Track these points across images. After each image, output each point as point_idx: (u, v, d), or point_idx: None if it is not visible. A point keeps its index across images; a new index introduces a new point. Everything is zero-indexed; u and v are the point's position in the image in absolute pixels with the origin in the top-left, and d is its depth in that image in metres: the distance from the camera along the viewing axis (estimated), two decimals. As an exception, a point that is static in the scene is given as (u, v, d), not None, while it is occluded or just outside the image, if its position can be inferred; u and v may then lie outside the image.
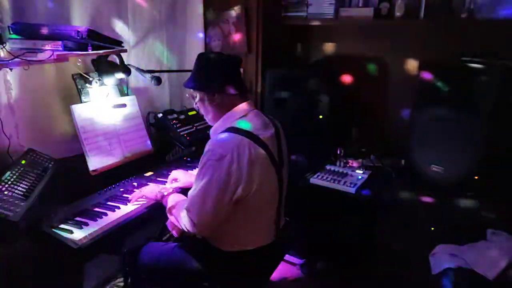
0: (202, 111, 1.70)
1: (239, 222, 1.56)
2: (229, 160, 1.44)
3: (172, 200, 1.67)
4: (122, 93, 2.16)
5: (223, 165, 1.44)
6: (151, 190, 1.78)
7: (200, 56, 1.66)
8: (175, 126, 2.26)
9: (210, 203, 1.46)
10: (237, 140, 1.48)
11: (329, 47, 2.73)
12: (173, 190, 1.75)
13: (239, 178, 1.46)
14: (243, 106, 1.62)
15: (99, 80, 2.01)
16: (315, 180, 2.28)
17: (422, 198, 1.97)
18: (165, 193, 1.72)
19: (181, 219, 1.56)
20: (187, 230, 1.54)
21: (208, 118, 1.69)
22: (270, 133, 1.61)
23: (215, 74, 1.61)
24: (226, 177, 1.44)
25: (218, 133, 1.56)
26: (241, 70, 1.75)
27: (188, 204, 1.53)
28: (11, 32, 1.68)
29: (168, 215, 1.64)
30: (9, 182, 1.56)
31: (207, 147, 1.50)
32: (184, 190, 1.78)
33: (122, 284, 2.14)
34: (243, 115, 1.60)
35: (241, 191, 1.47)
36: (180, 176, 1.92)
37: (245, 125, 1.55)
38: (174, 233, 1.64)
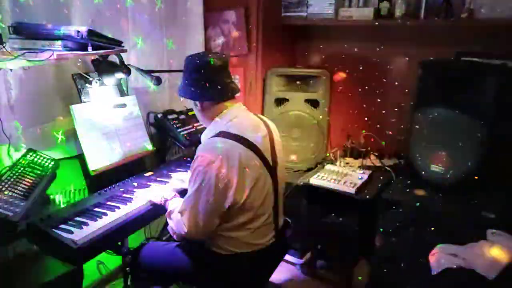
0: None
1: (236, 226, 1.56)
2: (218, 165, 1.44)
3: (172, 204, 1.68)
4: (122, 93, 2.16)
5: (212, 171, 1.44)
6: (156, 194, 1.78)
7: (185, 59, 1.65)
8: (175, 126, 2.26)
9: (200, 209, 1.47)
10: (226, 145, 1.48)
11: (329, 47, 2.73)
12: (175, 195, 1.75)
13: (229, 183, 1.46)
14: (232, 109, 1.62)
15: (99, 80, 2.01)
16: (315, 180, 2.28)
17: (421, 198, 1.97)
18: (168, 198, 1.73)
19: (176, 223, 1.57)
20: (182, 234, 1.55)
21: (199, 119, 1.72)
22: (261, 135, 1.61)
23: (194, 82, 1.59)
24: (215, 182, 1.45)
25: (208, 138, 1.57)
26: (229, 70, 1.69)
27: (181, 208, 1.55)
28: (11, 32, 1.68)
29: (168, 219, 1.65)
30: (9, 182, 1.56)
31: (197, 153, 1.51)
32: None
33: (122, 284, 2.14)
34: (232, 118, 1.59)
35: (232, 196, 1.47)
36: (186, 177, 1.94)
37: (235, 128, 1.54)
38: (174, 237, 1.64)
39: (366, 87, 2.57)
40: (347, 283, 2.35)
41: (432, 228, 1.82)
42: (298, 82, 2.59)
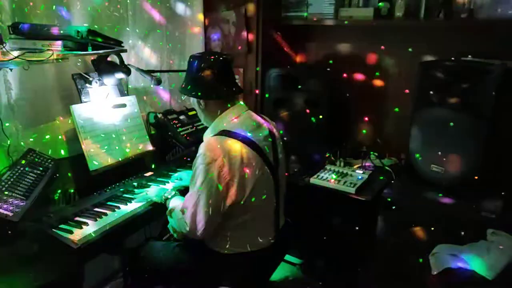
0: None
1: (236, 225, 1.56)
2: (220, 164, 1.45)
3: (172, 203, 1.67)
4: (122, 93, 2.16)
5: (214, 169, 1.45)
6: (156, 193, 1.78)
7: (189, 58, 1.65)
8: (175, 126, 2.26)
9: (202, 206, 1.47)
10: (229, 143, 1.49)
11: (329, 47, 2.73)
12: (175, 193, 1.75)
13: (231, 181, 1.46)
14: (235, 108, 1.62)
15: (99, 80, 2.01)
16: (315, 180, 2.28)
17: (422, 198, 1.97)
18: (169, 196, 1.73)
19: (177, 222, 1.57)
20: (183, 232, 1.55)
21: (201, 118, 1.72)
22: (263, 134, 1.61)
23: (199, 81, 1.59)
24: (217, 181, 1.45)
25: (210, 136, 1.57)
26: (234, 69, 1.70)
27: (182, 207, 1.54)
28: (11, 32, 1.68)
29: (168, 217, 1.65)
30: (9, 182, 1.56)
31: (199, 151, 1.51)
32: (187, 190, 1.78)
33: (122, 284, 2.14)
34: (235, 117, 1.60)
35: (234, 194, 1.47)
36: (184, 176, 1.94)
37: (237, 127, 1.55)
38: (175, 235, 1.65)
39: (366, 87, 2.57)
40: (347, 283, 2.35)
41: (432, 228, 1.82)
42: (298, 82, 2.59)
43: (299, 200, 2.24)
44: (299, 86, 2.57)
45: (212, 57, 1.60)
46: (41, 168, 1.68)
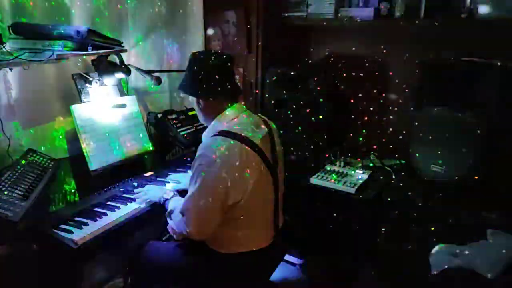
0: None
1: (236, 225, 1.56)
2: (220, 164, 1.44)
3: (172, 204, 1.67)
4: (122, 93, 2.16)
5: (213, 170, 1.44)
6: (155, 194, 1.78)
7: (190, 56, 1.64)
8: (175, 126, 2.26)
9: (201, 208, 1.47)
10: (228, 143, 1.48)
11: (329, 47, 2.73)
12: (174, 194, 1.75)
13: (230, 182, 1.46)
14: (234, 108, 1.62)
15: (99, 80, 2.01)
16: (315, 180, 2.28)
17: (422, 198, 1.97)
18: (168, 197, 1.72)
19: (177, 223, 1.57)
20: (183, 233, 1.55)
21: (200, 118, 1.72)
22: (262, 134, 1.61)
23: (200, 80, 1.58)
24: (217, 181, 1.45)
25: (209, 136, 1.57)
26: (234, 70, 1.69)
27: (182, 208, 1.54)
28: (11, 32, 1.68)
29: (168, 219, 1.65)
30: (9, 182, 1.56)
31: (198, 151, 1.51)
32: (185, 192, 1.78)
33: (122, 284, 2.15)
34: (234, 117, 1.60)
35: (233, 195, 1.47)
36: (182, 179, 1.94)
37: (236, 127, 1.55)
38: (175, 236, 1.64)
39: (366, 87, 2.57)
40: (347, 283, 2.34)
41: (432, 228, 1.82)
42: (298, 82, 2.59)
43: (299, 200, 2.25)
44: (299, 86, 2.58)
45: (212, 56, 1.59)
46: (41, 168, 1.68)
